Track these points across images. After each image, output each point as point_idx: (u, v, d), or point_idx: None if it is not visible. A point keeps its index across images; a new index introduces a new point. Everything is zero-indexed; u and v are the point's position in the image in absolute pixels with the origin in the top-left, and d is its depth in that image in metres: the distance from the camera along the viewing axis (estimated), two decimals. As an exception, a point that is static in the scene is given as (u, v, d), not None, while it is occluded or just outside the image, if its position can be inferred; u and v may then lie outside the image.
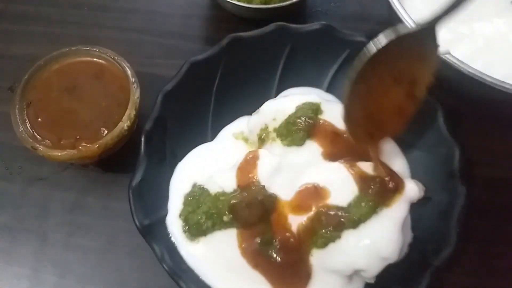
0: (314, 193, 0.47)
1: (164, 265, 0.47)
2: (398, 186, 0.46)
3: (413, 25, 0.48)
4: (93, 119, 0.53)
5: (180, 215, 0.50)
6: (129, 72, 0.54)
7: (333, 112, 0.52)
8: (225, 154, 0.54)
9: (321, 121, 0.51)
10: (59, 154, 0.50)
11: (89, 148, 0.50)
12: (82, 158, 0.51)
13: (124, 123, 0.52)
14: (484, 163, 0.57)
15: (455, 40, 0.52)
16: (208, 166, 0.53)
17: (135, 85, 0.54)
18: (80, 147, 0.50)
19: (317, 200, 0.47)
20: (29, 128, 0.53)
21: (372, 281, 0.47)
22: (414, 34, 0.43)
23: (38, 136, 0.52)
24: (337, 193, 0.47)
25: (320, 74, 0.59)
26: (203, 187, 0.50)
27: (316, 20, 0.63)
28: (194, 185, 0.51)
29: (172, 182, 0.53)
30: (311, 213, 0.47)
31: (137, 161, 0.51)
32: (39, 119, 0.53)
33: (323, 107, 0.52)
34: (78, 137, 0.52)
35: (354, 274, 0.46)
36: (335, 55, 0.58)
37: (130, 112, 0.52)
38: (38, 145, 0.51)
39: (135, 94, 0.53)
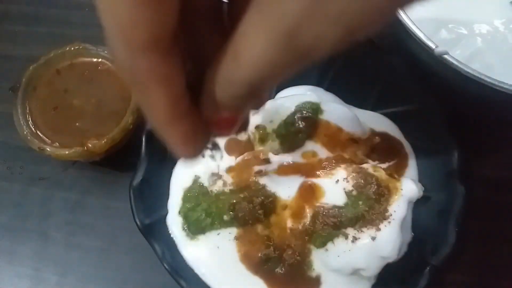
0: (313, 192, 0.48)
1: (165, 264, 0.47)
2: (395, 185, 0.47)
3: (411, 25, 0.48)
4: (97, 116, 0.54)
5: (179, 212, 0.50)
6: None
7: (333, 112, 0.52)
8: (222, 143, 0.54)
9: (320, 121, 0.51)
10: (67, 152, 0.51)
11: (97, 143, 0.51)
12: (91, 154, 0.52)
13: (129, 117, 0.52)
14: (483, 162, 0.57)
15: (453, 40, 0.52)
16: (207, 157, 0.53)
17: None
18: (89, 144, 0.51)
19: (316, 200, 0.47)
20: (32, 128, 0.53)
21: (372, 280, 0.47)
22: None
23: (42, 136, 0.53)
24: (335, 192, 0.47)
25: (320, 74, 0.59)
26: (203, 185, 0.50)
27: (316, 20, 0.63)
28: (195, 181, 0.51)
29: (173, 179, 0.53)
30: (310, 212, 0.47)
31: (138, 161, 0.51)
32: (42, 119, 0.54)
33: (323, 107, 0.52)
34: (83, 134, 0.52)
35: (354, 273, 0.46)
36: (335, 55, 0.59)
37: (133, 107, 0.53)
38: (45, 146, 0.51)
39: None
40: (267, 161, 0.51)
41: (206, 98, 0.23)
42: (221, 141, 0.56)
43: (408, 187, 0.47)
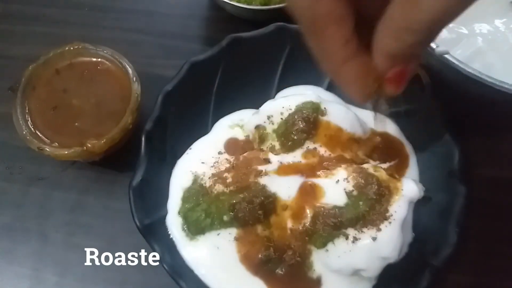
0: (313, 192, 0.48)
1: (164, 265, 0.47)
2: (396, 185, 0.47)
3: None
4: (96, 116, 0.54)
5: (179, 212, 0.50)
6: (128, 68, 0.55)
7: (333, 112, 0.52)
8: (222, 143, 0.55)
9: (321, 121, 0.51)
10: (66, 152, 0.51)
11: (96, 143, 0.51)
12: (90, 154, 0.52)
13: (128, 117, 0.52)
14: (483, 163, 0.57)
15: (454, 40, 0.52)
16: (206, 157, 0.53)
17: (135, 80, 0.54)
18: (88, 144, 0.50)
19: (316, 200, 0.47)
20: (32, 128, 0.53)
21: (373, 281, 0.47)
22: None
23: (42, 136, 0.53)
24: (336, 193, 0.47)
25: (320, 74, 0.59)
26: (203, 185, 0.50)
27: (316, 20, 0.63)
28: (194, 182, 0.51)
29: (172, 179, 0.53)
30: (311, 213, 0.47)
31: (137, 161, 0.51)
32: (41, 119, 0.53)
33: (323, 107, 0.52)
34: (82, 134, 0.52)
35: (354, 274, 0.46)
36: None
37: (132, 106, 0.53)
38: (44, 146, 0.51)
39: (136, 89, 0.54)
40: (267, 161, 0.51)
41: (379, 51, 0.25)
42: (221, 140, 0.56)
43: (409, 187, 0.46)
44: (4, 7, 0.72)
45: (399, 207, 0.45)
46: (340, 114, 0.52)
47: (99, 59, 0.57)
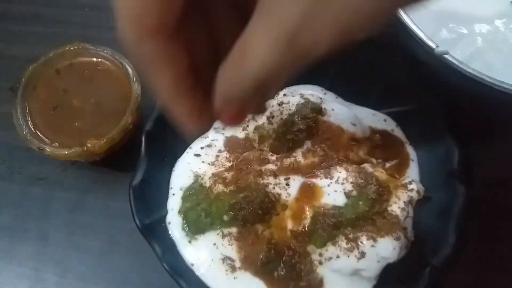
0: (313, 193, 0.48)
1: (165, 264, 0.47)
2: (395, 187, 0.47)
3: (411, 24, 0.48)
4: (97, 116, 0.54)
5: (179, 212, 0.50)
6: (129, 68, 0.55)
7: (334, 112, 0.52)
8: (222, 142, 0.54)
9: (321, 121, 0.51)
10: (66, 152, 0.51)
11: (97, 143, 0.51)
12: (90, 154, 0.52)
13: (128, 117, 0.52)
14: (483, 162, 0.57)
15: (454, 40, 0.52)
16: (206, 156, 0.53)
17: (135, 80, 0.54)
18: (88, 144, 0.50)
19: (316, 200, 0.47)
20: (32, 128, 0.53)
21: (373, 281, 0.47)
22: None
23: (42, 136, 0.53)
24: (335, 193, 0.47)
25: (320, 74, 0.59)
26: (203, 185, 0.50)
27: (316, 20, 0.63)
28: (195, 181, 0.51)
29: (172, 179, 0.53)
30: (310, 213, 0.47)
31: (137, 161, 0.51)
32: (42, 119, 0.54)
33: (323, 106, 0.52)
34: (83, 134, 0.52)
35: (355, 274, 0.46)
36: (335, 55, 0.58)
37: (133, 107, 0.53)
38: (44, 146, 0.51)
39: (137, 89, 0.54)
40: (267, 161, 0.51)
41: (217, 89, 0.25)
42: (220, 139, 0.56)
43: (409, 187, 0.46)
44: (5, 7, 0.72)
45: (399, 207, 0.45)
46: (340, 114, 0.52)
47: (100, 59, 0.57)
